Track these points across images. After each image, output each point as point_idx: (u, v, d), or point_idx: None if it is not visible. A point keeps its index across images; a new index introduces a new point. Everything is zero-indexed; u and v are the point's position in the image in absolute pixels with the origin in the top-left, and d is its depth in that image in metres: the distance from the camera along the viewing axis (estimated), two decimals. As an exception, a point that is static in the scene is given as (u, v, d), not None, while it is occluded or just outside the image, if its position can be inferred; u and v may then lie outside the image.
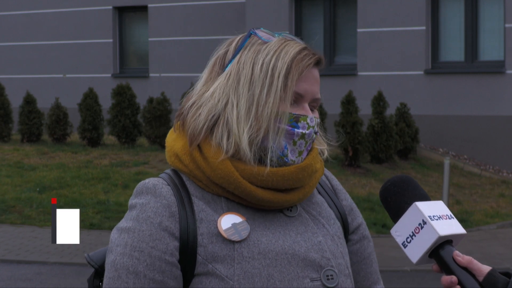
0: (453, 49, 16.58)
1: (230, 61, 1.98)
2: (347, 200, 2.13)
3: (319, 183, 2.11)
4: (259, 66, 1.93)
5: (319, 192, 2.10)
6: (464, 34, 16.43)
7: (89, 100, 16.64)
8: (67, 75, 20.54)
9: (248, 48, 1.97)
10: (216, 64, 2.00)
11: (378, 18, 16.70)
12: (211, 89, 1.96)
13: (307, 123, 1.95)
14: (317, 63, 1.99)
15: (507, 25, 15.96)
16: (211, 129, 1.94)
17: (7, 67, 21.13)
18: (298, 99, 1.95)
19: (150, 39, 19.84)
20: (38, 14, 21.00)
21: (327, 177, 2.15)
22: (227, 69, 1.97)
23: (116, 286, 1.88)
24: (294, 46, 1.96)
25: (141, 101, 17.07)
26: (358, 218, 2.13)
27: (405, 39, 16.56)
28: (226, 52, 2.00)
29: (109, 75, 20.15)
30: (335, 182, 2.16)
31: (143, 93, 18.02)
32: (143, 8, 20.02)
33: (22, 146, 16.68)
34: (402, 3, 16.57)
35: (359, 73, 16.93)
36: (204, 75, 2.01)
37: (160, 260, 1.87)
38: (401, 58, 16.61)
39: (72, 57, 20.51)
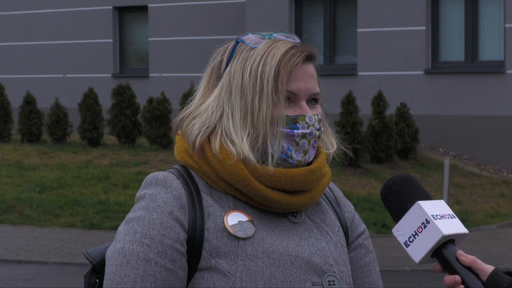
0: (453, 49, 16.58)
1: (224, 71, 1.99)
2: (350, 212, 2.13)
3: (324, 194, 2.12)
4: (248, 73, 1.94)
5: (324, 202, 2.11)
6: (464, 34, 16.43)
7: (89, 100, 16.64)
8: (67, 75, 20.53)
9: (237, 56, 1.98)
10: (212, 74, 2.02)
11: (378, 18, 16.70)
12: (207, 102, 1.98)
13: (306, 122, 1.96)
14: (309, 59, 1.99)
15: (507, 25, 15.96)
16: (208, 137, 1.95)
17: (7, 67, 21.12)
18: (293, 98, 1.95)
19: (150, 39, 19.83)
20: (38, 14, 20.99)
21: (330, 189, 2.15)
22: (220, 82, 1.98)
23: (124, 272, 1.85)
24: (281, 47, 1.96)
25: (141, 101, 17.07)
26: (359, 228, 2.12)
27: (405, 39, 16.55)
28: (221, 62, 2.02)
29: (109, 75, 20.14)
30: (339, 194, 2.16)
31: (143, 93, 18.01)
32: (143, 8, 20.01)
33: (22, 146, 16.68)
34: (402, 3, 16.57)
35: (359, 73, 16.92)
36: (202, 85, 2.03)
37: (171, 249, 1.87)
38: (401, 58, 16.61)
39: (72, 57, 20.50)
